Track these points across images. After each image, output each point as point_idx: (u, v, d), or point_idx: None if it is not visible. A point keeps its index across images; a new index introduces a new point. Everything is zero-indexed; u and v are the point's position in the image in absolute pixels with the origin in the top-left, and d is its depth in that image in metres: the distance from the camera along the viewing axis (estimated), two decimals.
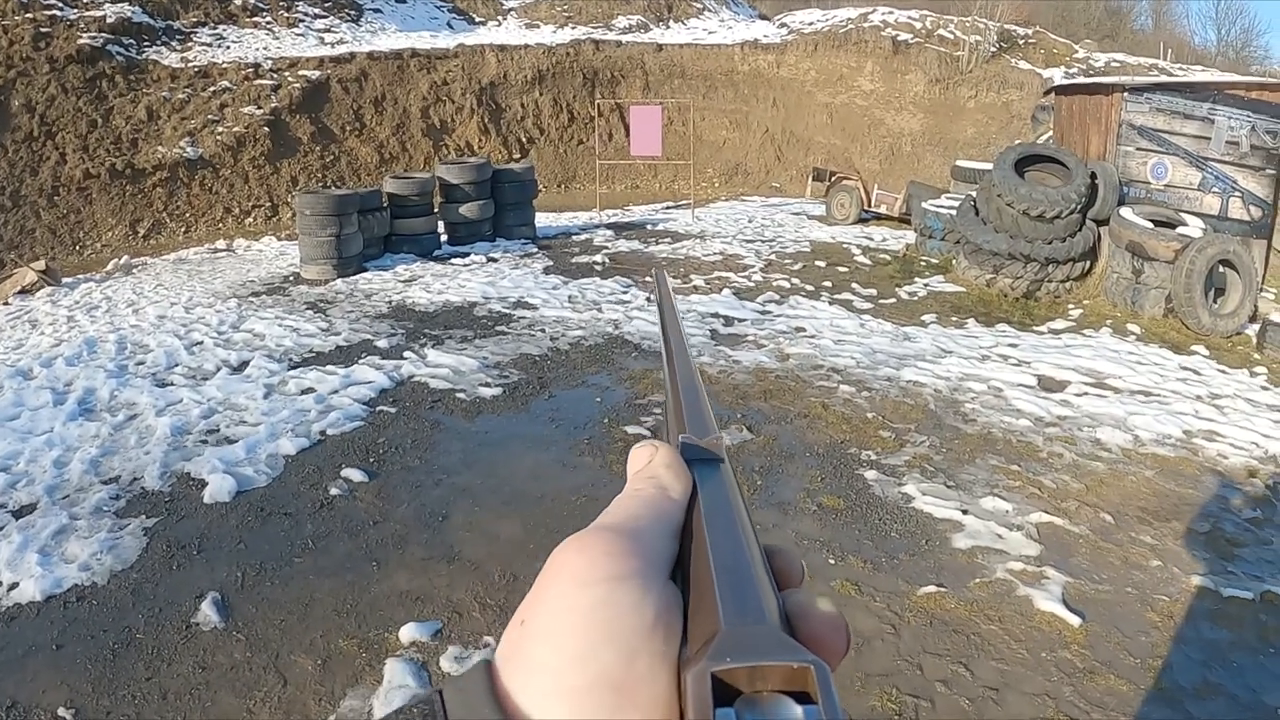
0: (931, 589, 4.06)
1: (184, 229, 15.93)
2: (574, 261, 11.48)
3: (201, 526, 4.54)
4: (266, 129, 17.90)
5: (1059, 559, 4.38)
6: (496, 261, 11.43)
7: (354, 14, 23.49)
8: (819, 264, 11.55)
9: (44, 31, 16.87)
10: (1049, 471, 5.41)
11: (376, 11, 24.24)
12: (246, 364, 7.10)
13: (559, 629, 0.34)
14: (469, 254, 11.78)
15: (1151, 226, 9.29)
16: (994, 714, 3.26)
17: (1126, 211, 9.52)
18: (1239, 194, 9.92)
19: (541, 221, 13.96)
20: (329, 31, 22.03)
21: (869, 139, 23.29)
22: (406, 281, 10.21)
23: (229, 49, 19.62)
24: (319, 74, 19.45)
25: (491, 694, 0.34)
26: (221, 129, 17.45)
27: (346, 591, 3.97)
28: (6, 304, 10.20)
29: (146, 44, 18.42)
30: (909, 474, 5.28)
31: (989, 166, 11.18)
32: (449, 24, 25.67)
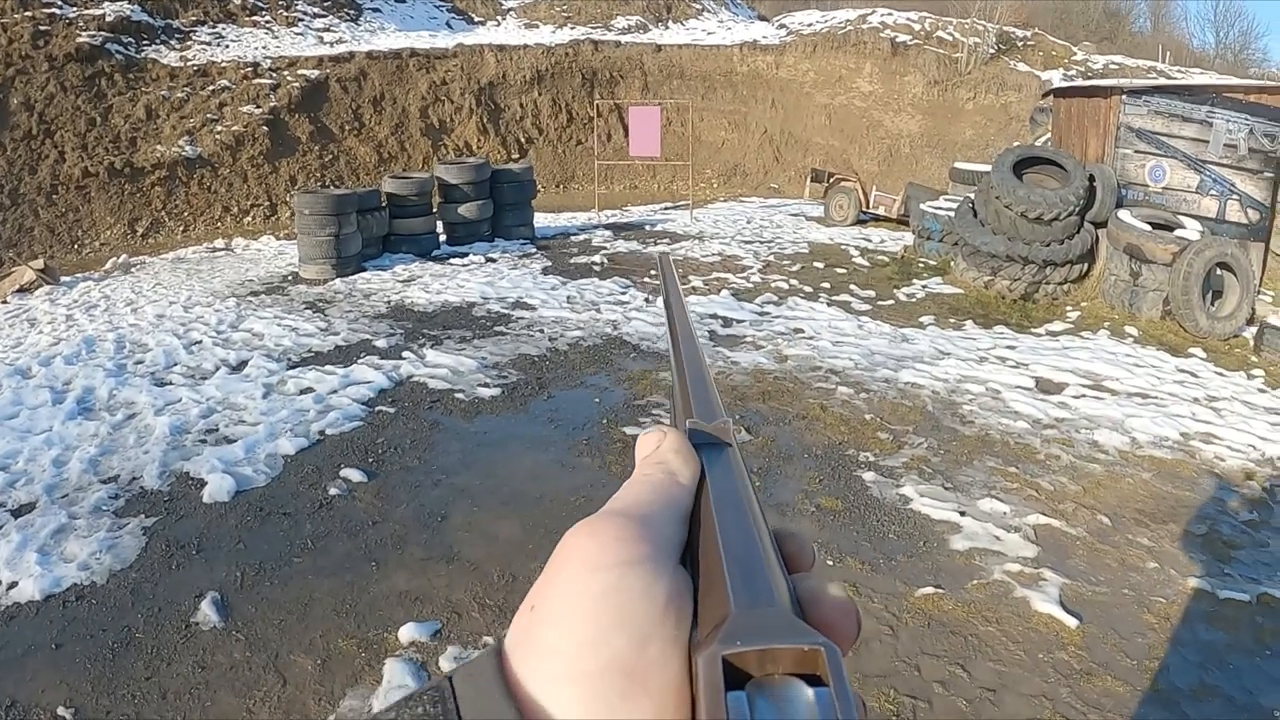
0: (929, 590, 4.07)
1: (182, 228, 15.94)
2: (572, 262, 11.49)
3: (201, 526, 4.54)
4: (265, 128, 17.91)
5: (1056, 561, 4.40)
6: (495, 262, 11.43)
7: (353, 13, 23.50)
8: (817, 265, 11.56)
9: (43, 30, 16.88)
10: (1046, 473, 5.42)
11: (375, 11, 24.24)
12: (245, 363, 7.10)
13: (570, 614, 0.34)
14: (467, 254, 11.78)
15: (1149, 229, 9.31)
16: (991, 715, 3.28)
17: (1124, 214, 9.54)
18: (1237, 197, 9.95)
19: (540, 222, 13.97)
20: (328, 31, 22.04)
21: (867, 140, 23.32)
22: (405, 281, 10.21)
23: (228, 48, 19.62)
24: (318, 73, 19.45)
25: (501, 680, 0.34)
26: (220, 128, 17.46)
27: (346, 591, 3.97)
28: (5, 302, 10.20)
29: (145, 43, 18.42)
30: (907, 475, 5.29)
31: (987, 168, 11.20)
32: (448, 24, 25.68)
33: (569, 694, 0.32)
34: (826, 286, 10.36)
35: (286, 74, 19.13)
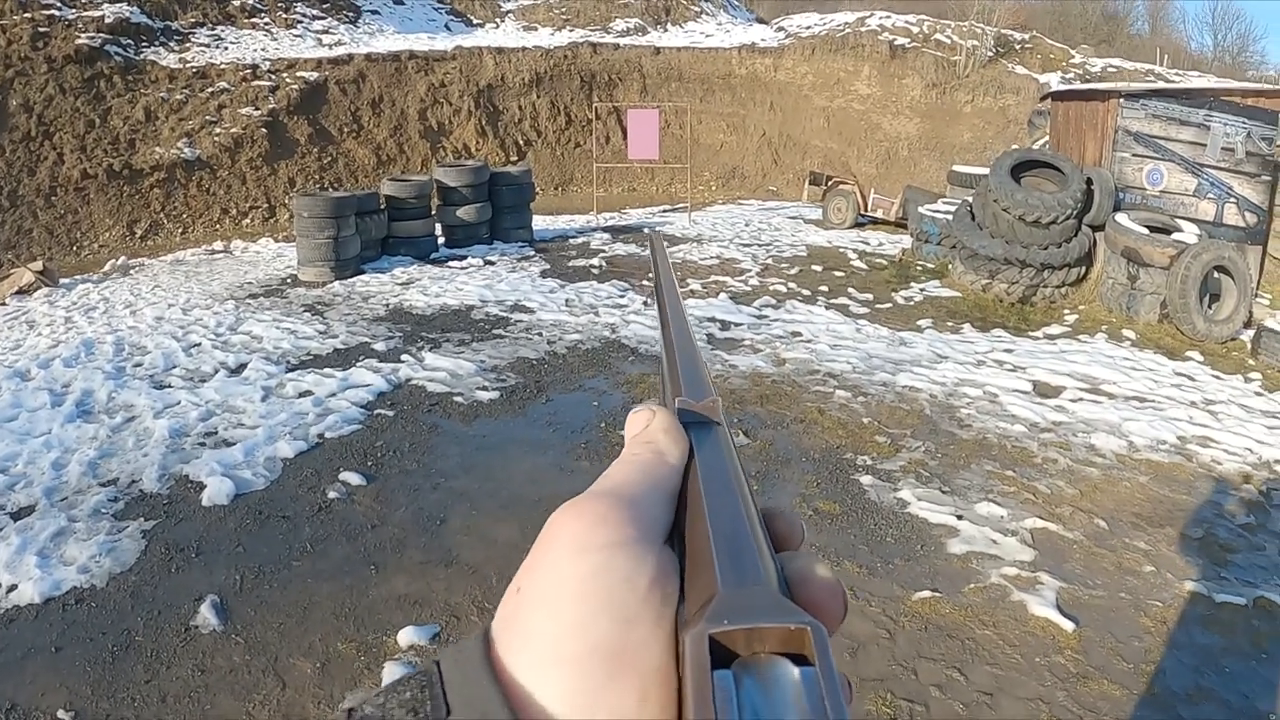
0: (926, 594, 4.08)
1: (181, 230, 15.95)
2: (571, 265, 11.50)
3: (200, 529, 4.55)
4: (264, 130, 17.92)
5: (1053, 564, 4.41)
6: (494, 264, 11.44)
7: (352, 15, 23.52)
8: (815, 268, 11.58)
9: (42, 31, 16.89)
10: (1044, 477, 5.44)
11: (374, 13, 24.27)
12: (244, 366, 7.11)
13: (555, 597, 0.34)
14: (466, 257, 11.79)
15: (1147, 232, 9.33)
16: (988, 718, 3.29)
17: (1122, 217, 9.56)
18: (1234, 200, 9.98)
19: (539, 224, 13.98)
20: (327, 33, 22.06)
21: (866, 143, 23.35)
22: (404, 284, 10.22)
23: (227, 50, 19.64)
24: (317, 75, 19.47)
25: (488, 664, 0.34)
26: (219, 130, 17.47)
27: (345, 595, 3.98)
28: (4, 305, 10.21)
29: (145, 44, 18.43)
30: (904, 479, 5.31)
31: (985, 171, 11.21)
32: (447, 26, 25.70)
33: (554, 678, 0.32)
34: (824, 290, 10.37)
35: (285, 76, 19.15)
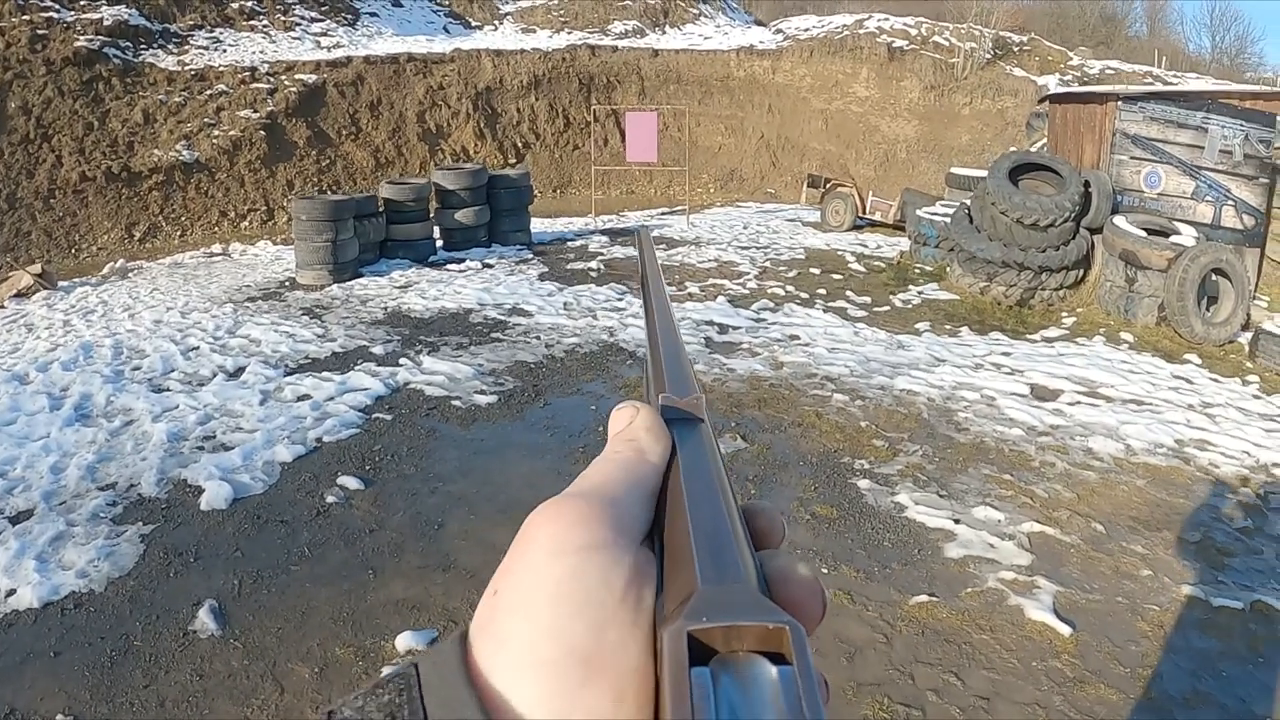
0: (923, 598, 4.09)
1: (180, 233, 15.95)
2: (569, 268, 11.51)
3: (198, 534, 4.55)
4: (263, 133, 17.93)
5: (1050, 568, 4.42)
6: (492, 267, 11.45)
7: (350, 18, 23.53)
8: (813, 271, 11.59)
9: (40, 34, 16.89)
10: (1041, 481, 5.45)
11: (373, 15, 24.28)
12: (243, 370, 7.11)
13: (531, 600, 0.34)
14: (464, 260, 11.79)
15: (1145, 235, 9.34)
16: None
17: (1120, 220, 9.57)
18: (1232, 203, 9.99)
19: (537, 227, 13.99)
20: (325, 35, 22.06)
21: (864, 145, 23.38)
22: (402, 287, 10.22)
23: (225, 52, 19.64)
24: (315, 78, 19.48)
25: (464, 667, 0.34)
26: (217, 132, 17.47)
27: (343, 599, 3.99)
28: (3, 307, 10.21)
29: (143, 47, 18.44)
30: (902, 483, 5.32)
31: (984, 174, 11.22)
32: (445, 28, 25.71)
33: (530, 682, 0.32)
34: (823, 293, 10.38)
35: (284, 78, 19.16)
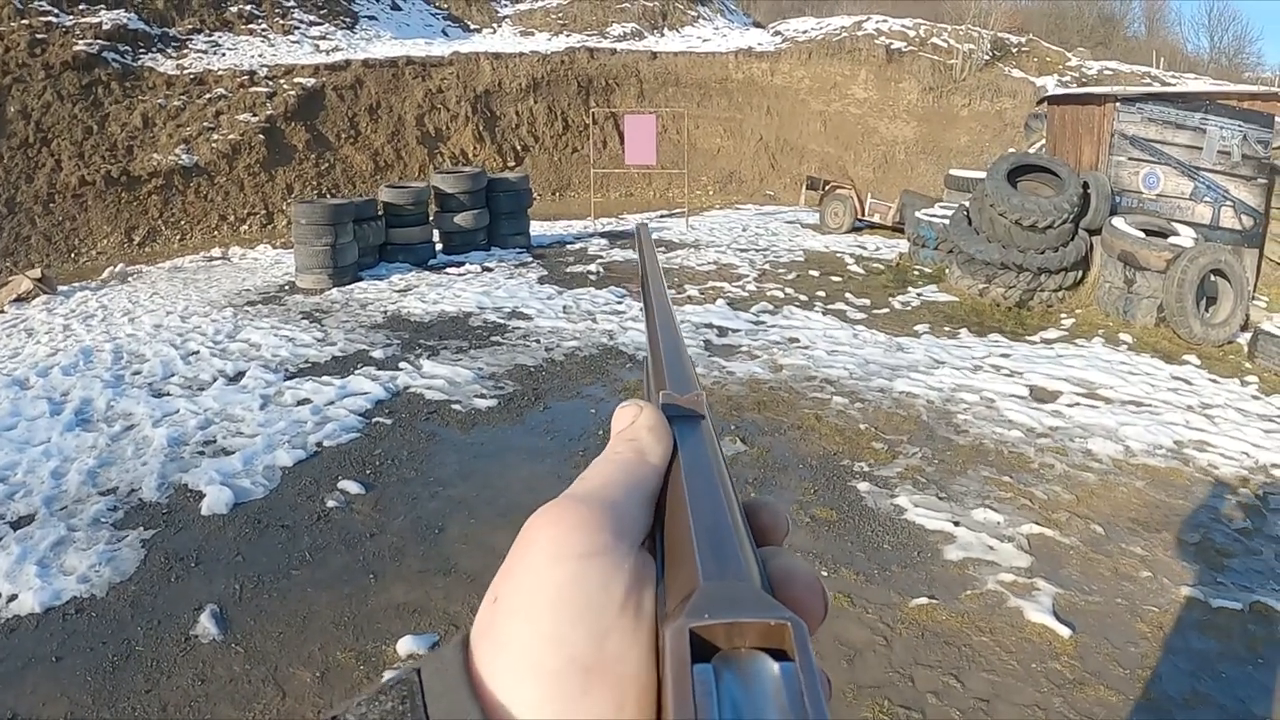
0: (923, 600, 4.10)
1: (179, 237, 15.95)
2: (569, 271, 11.52)
3: (199, 538, 4.56)
4: (262, 136, 17.93)
5: (1050, 570, 4.43)
6: (491, 271, 11.46)
7: (349, 21, 23.54)
8: (813, 273, 11.60)
9: (40, 38, 16.89)
10: (1040, 483, 5.46)
11: (372, 19, 24.29)
12: (243, 374, 7.12)
13: (531, 606, 0.33)
14: (464, 263, 11.81)
15: (1143, 236, 9.35)
16: None
17: (1118, 221, 9.59)
18: (1230, 203, 10.00)
19: (536, 230, 14.00)
20: (324, 39, 22.07)
21: (863, 147, 23.39)
22: (402, 291, 10.24)
23: (224, 56, 19.65)
24: (314, 81, 19.49)
25: (466, 674, 0.34)
26: (217, 136, 17.48)
27: (344, 604, 4.00)
28: (2, 312, 10.21)
29: (142, 51, 18.45)
30: (901, 486, 5.32)
31: (982, 175, 11.24)
32: (444, 31, 25.72)
33: (530, 690, 0.32)
34: (822, 295, 10.40)
35: (283, 82, 19.16)
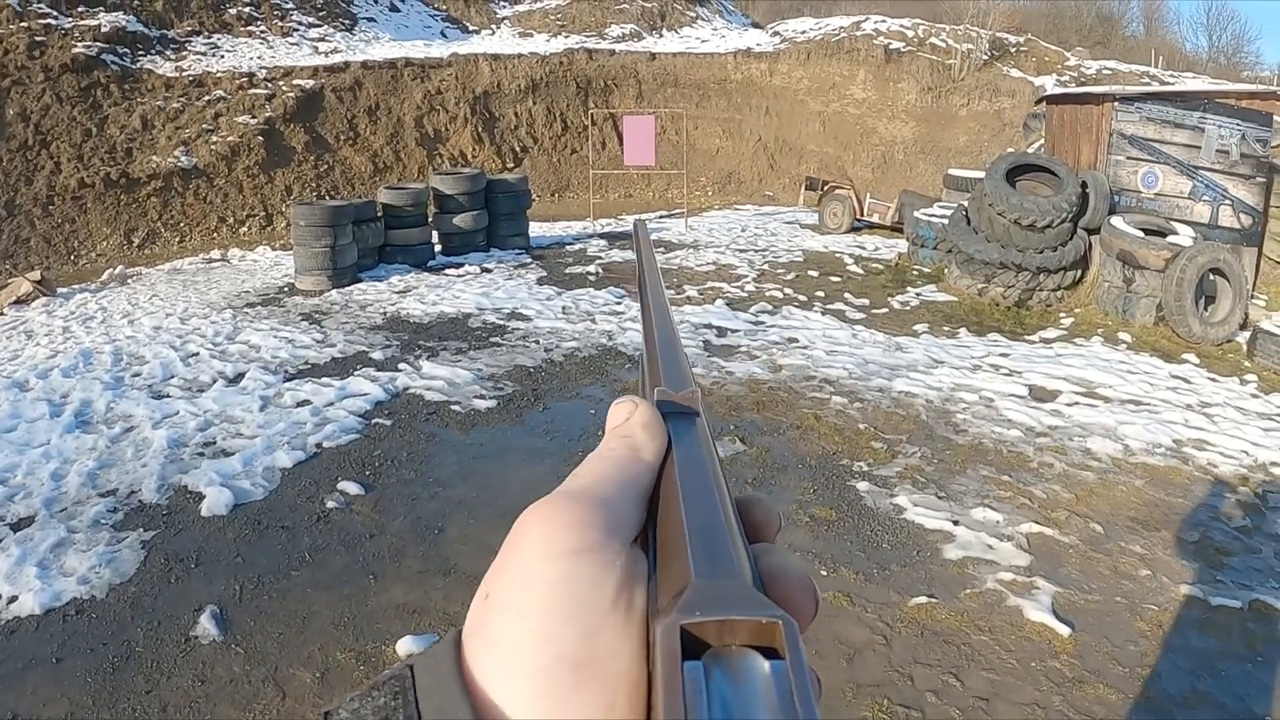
0: (922, 599, 4.10)
1: (178, 239, 15.95)
2: (568, 272, 11.52)
3: (199, 539, 4.56)
4: (261, 138, 17.93)
5: (1049, 569, 4.43)
6: (490, 272, 11.47)
7: (348, 23, 23.55)
8: (812, 274, 11.61)
9: (39, 40, 16.90)
10: (1039, 482, 5.46)
11: (370, 21, 24.30)
12: (242, 376, 7.12)
13: (522, 604, 0.34)
14: (463, 264, 11.82)
15: (1142, 235, 9.36)
16: None
17: (1117, 220, 9.59)
18: (1229, 202, 10.01)
19: (535, 231, 14.01)
20: (323, 41, 22.08)
21: (861, 147, 23.39)
22: (401, 292, 10.24)
23: (223, 58, 19.66)
24: (313, 83, 19.49)
25: (458, 671, 0.34)
26: (216, 138, 17.48)
27: (344, 604, 4.00)
28: (2, 314, 10.21)
29: (141, 53, 18.45)
30: (900, 485, 5.33)
31: (981, 175, 11.25)
32: (443, 33, 25.73)
33: (521, 688, 0.32)
34: (821, 295, 10.40)
35: (282, 84, 19.17)
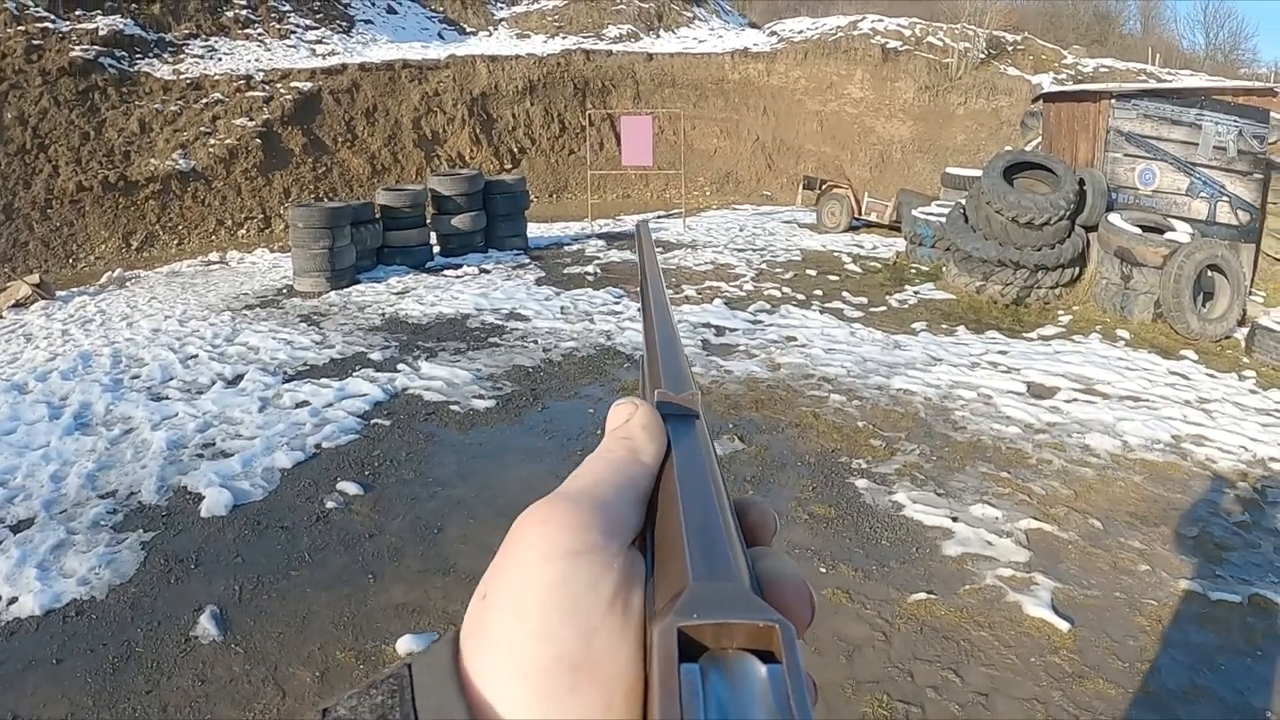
0: (922, 596, 4.10)
1: (177, 241, 15.95)
2: (566, 272, 11.53)
3: (199, 540, 4.57)
4: (258, 140, 17.93)
5: (1048, 565, 4.43)
6: (489, 273, 11.47)
7: (345, 25, 23.56)
8: (810, 272, 11.61)
9: (36, 44, 16.90)
10: (1038, 478, 5.46)
11: (368, 23, 24.31)
12: (241, 377, 7.13)
13: (519, 605, 0.34)
14: (461, 265, 11.82)
15: (1140, 232, 9.37)
16: (983, 719, 3.31)
17: (1115, 217, 9.60)
18: (1227, 199, 10.02)
19: (533, 232, 14.01)
20: (320, 43, 22.08)
21: (859, 147, 23.40)
22: (399, 294, 10.24)
23: (221, 61, 19.66)
24: (311, 85, 19.49)
25: (455, 671, 0.34)
26: (214, 141, 17.48)
27: (343, 604, 4.00)
28: (1, 318, 10.22)
29: (139, 56, 18.45)
30: (899, 482, 5.33)
31: (979, 173, 11.25)
32: (440, 35, 25.74)
33: (518, 688, 0.32)
34: (819, 294, 10.41)
35: (279, 86, 19.17)
